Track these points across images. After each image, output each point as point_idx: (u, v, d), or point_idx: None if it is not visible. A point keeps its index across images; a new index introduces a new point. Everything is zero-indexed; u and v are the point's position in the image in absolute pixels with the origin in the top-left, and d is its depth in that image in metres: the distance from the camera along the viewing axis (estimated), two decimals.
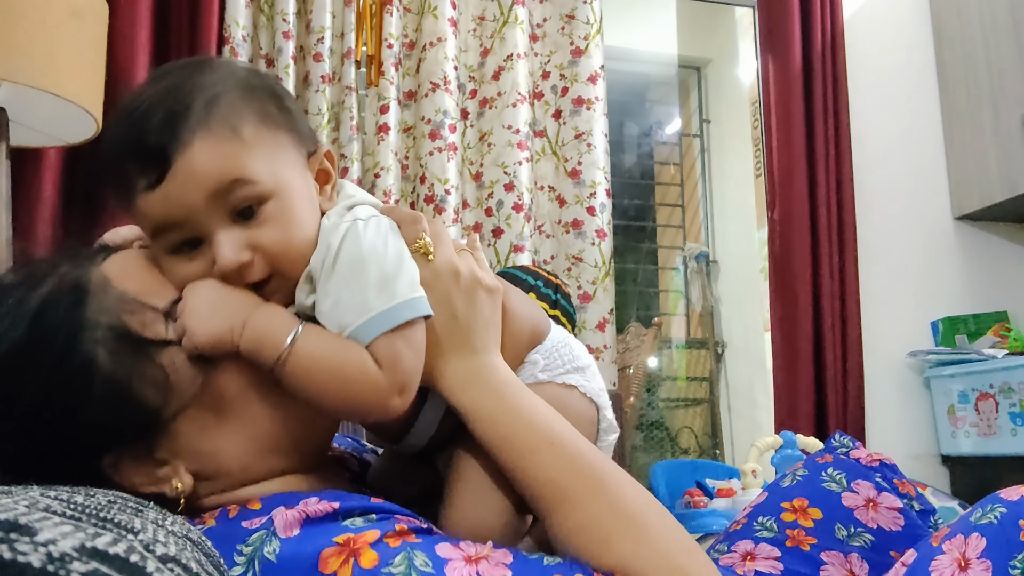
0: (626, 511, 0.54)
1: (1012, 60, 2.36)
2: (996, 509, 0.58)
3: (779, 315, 2.34)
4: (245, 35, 1.91)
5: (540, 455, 0.55)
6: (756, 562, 0.74)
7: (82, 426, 0.50)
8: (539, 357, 0.65)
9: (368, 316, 0.53)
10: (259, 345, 0.52)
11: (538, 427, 0.56)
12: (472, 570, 0.48)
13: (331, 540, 0.47)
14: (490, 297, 0.60)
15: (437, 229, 0.60)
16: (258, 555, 0.47)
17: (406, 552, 0.47)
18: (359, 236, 0.55)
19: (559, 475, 0.54)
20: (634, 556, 0.51)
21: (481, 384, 0.57)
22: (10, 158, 1.44)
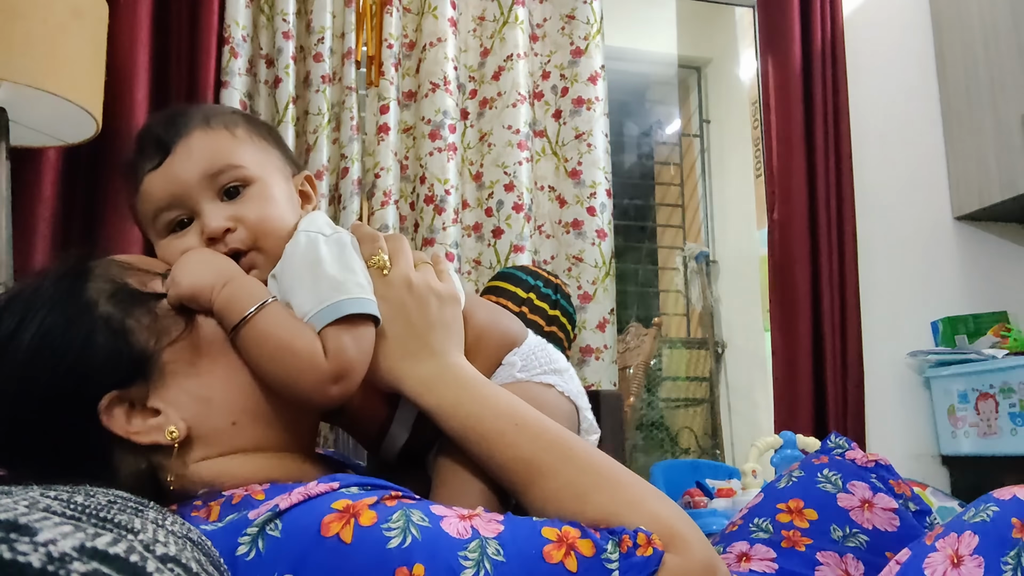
0: (597, 470, 0.57)
1: (1012, 60, 2.35)
2: (989, 508, 0.59)
3: (779, 315, 2.34)
4: (245, 35, 1.91)
5: (507, 436, 0.59)
6: (752, 563, 0.74)
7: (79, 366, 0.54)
8: (516, 359, 0.71)
9: (319, 308, 0.59)
10: (229, 305, 0.59)
11: (502, 413, 0.60)
12: (467, 524, 0.51)
13: (330, 507, 0.49)
14: (444, 304, 0.65)
15: (397, 246, 0.66)
16: (262, 534, 0.48)
17: (403, 510, 0.50)
18: (319, 244, 0.62)
19: (528, 452, 0.58)
20: (612, 504, 0.55)
21: (443, 382, 0.61)
22: (10, 158, 1.44)
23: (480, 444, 0.59)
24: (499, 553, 0.49)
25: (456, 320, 0.66)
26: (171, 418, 0.57)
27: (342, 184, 1.94)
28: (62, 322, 0.55)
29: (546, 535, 0.51)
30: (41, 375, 0.54)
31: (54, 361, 0.54)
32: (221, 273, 0.60)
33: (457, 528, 0.50)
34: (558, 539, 0.51)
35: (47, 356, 0.54)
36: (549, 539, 0.51)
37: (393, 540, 0.48)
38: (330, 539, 0.47)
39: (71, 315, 0.55)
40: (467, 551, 0.48)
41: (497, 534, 0.50)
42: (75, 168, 1.72)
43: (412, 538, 0.48)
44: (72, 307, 0.56)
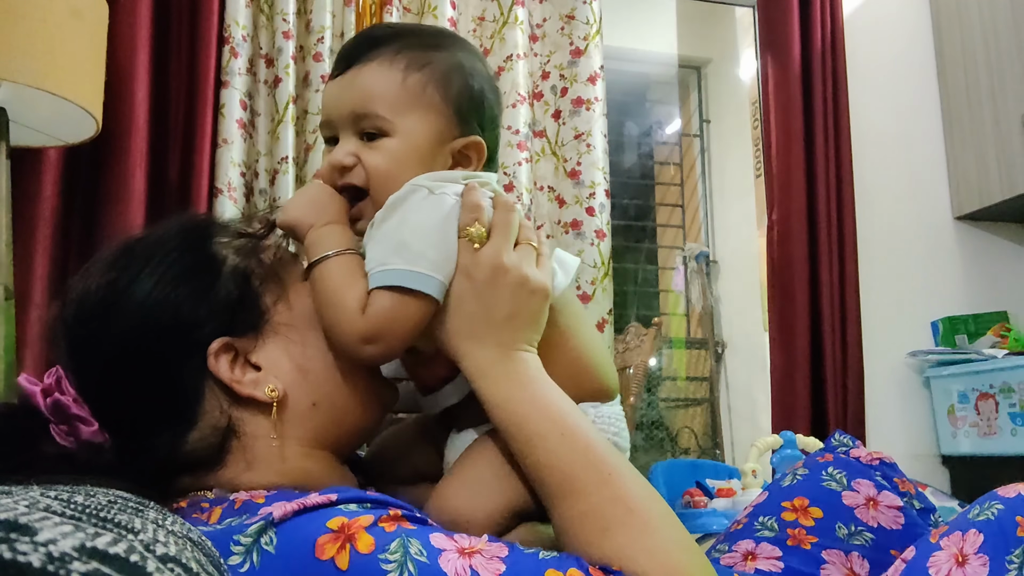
0: (629, 504, 0.55)
1: (1012, 60, 2.36)
2: (993, 506, 0.59)
3: (779, 315, 2.34)
4: (245, 35, 1.91)
5: (549, 442, 0.57)
6: (757, 561, 0.74)
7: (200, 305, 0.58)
8: (602, 413, 0.67)
9: (379, 268, 0.59)
10: (313, 245, 0.62)
11: (551, 417, 0.58)
12: (466, 563, 0.48)
13: (324, 525, 0.48)
14: (532, 296, 0.61)
15: (503, 221, 0.62)
16: (256, 546, 0.47)
17: (401, 539, 0.48)
18: (414, 200, 0.61)
19: (566, 464, 0.56)
20: (631, 548, 0.53)
21: (501, 373, 0.59)
22: (10, 158, 1.44)
23: (521, 444, 0.58)
24: None
25: (538, 315, 0.62)
26: (270, 377, 0.59)
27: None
28: (188, 264, 0.59)
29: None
30: (158, 316, 0.57)
31: (176, 298, 0.57)
32: (322, 213, 0.63)
33: (456, 568, 0.48)
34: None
35: (168, 293, 0.57)
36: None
37: (390, 574, 0.46)
38: (325, 562, 0.46)
39: (197, 259, 0.59)
40: None
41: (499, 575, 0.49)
42: (75, 168, 1.72)
43: (408, 574, 0.47)
44: (197, 254, 0.60)
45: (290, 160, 1.89)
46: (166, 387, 0.58)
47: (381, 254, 0.60)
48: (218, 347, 0.58)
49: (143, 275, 0.58)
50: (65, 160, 1.70)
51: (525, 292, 0.61)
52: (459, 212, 0.62)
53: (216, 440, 0.58)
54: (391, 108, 0.64)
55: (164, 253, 0.59)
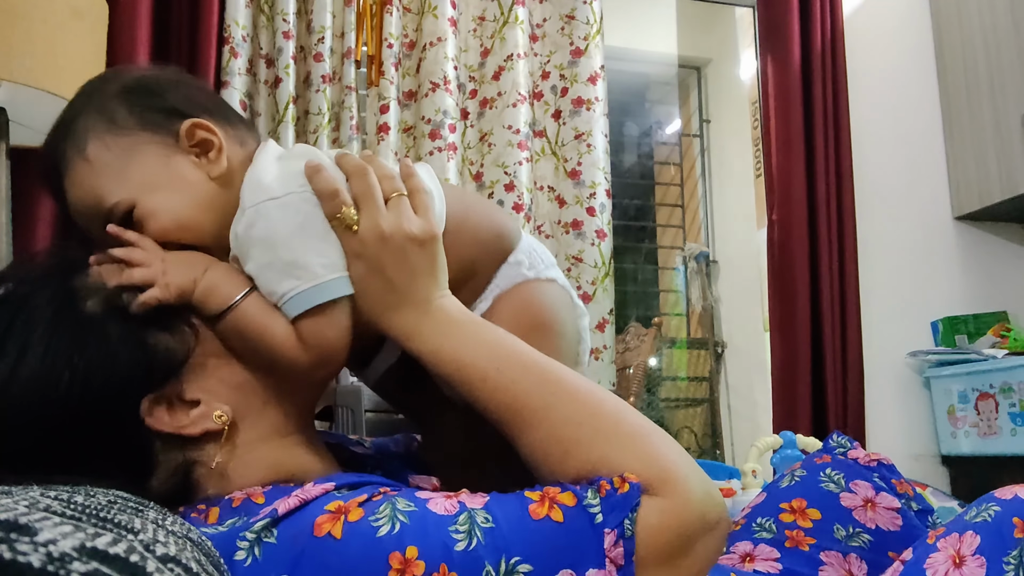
0: (583, 417, 0.56)
1: (1012, 60, 2.35)
2: (990, 507, 0.59)
3: (779, 315, 2.34)
4: (245, 35, 1.91)
5: (489, 381, 0.57)
6: (755, 563, 0.74)
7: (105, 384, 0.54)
8: (523, 257, 0.70)
9: (286, 298, 0.57)
10: (207, 298, 0.58)
11: (483, 356, 0.58)
12: (453, 501, 0.51)
13: (323, 509, 0.50)
14: (423, 248, 0.60)
15: (361, 190, 0.60)
16: (259, 541, 0.49)
17: (388, 501, 0.51)
18: (269, 220, 0.58)
19: (510, 397, 0.57)
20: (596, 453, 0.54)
21: (425, 329, 0.59)
22: (10, 158, 1.44)
23: (464, 389, 0.58)
24: (488, 520, 0.50)
25: (437, 261, 0.62)
26: (213, 404, 0.57)
27: None
28: (73, 344, 0.54)
29: (529, 496, 0.52)
30: (66, 396, 0.53)
31: (78, 382, 0.53)
32: (193, 264, 0.59)
33: (444, 506, 0.51)
34: (540, 498, 0.52)
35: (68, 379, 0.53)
36: (532, 499, 0.52)
37: (382, 528, 0.48)
38: (322, 537, 0.48)
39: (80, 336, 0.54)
40: (457, 524, 0.49)
41: (484, 504, 0.51)
42: None
43: (400, 523, 0.49)
44: (78, 328, 0.55)
45: None
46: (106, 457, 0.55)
47: (276, 284, 0.58)
48: (147, 406, 0.55)
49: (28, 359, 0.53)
50: None
51: (416, 248, 0.60)
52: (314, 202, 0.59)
53: (178, 479, 0.57)
54: (111, 191, 0.60)
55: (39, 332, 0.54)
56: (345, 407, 1.45)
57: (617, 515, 0.50)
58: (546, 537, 0.49)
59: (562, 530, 0.50)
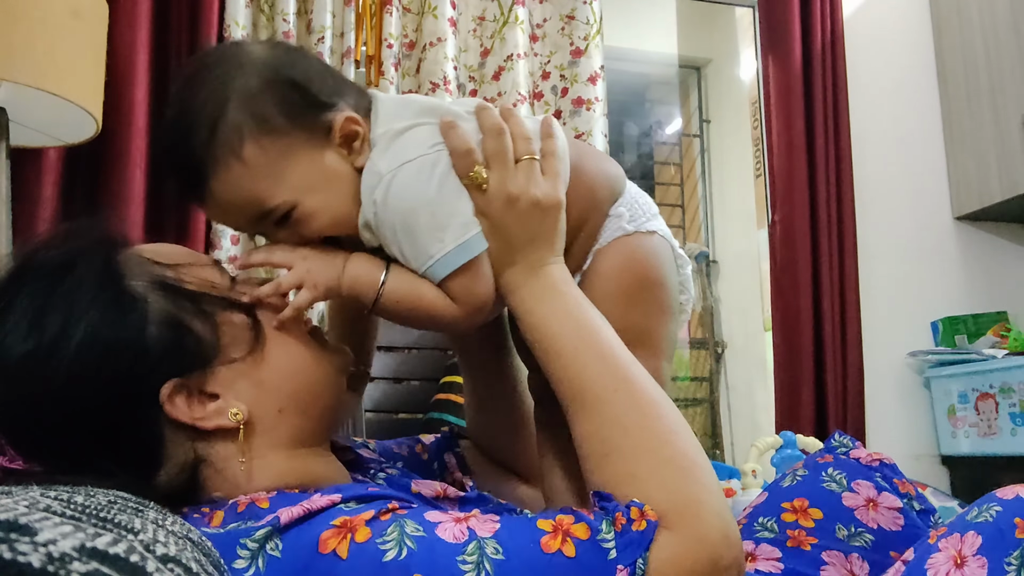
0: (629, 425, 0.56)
1: (1012, 60, 2.36)
2: (992, 508, 0.58)
3: (779, 315, 2.34)
4: (245, 35, 1.91)
5: (564, 357, 0.59)
6: (757, 563, 0.74)
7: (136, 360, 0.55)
8: (624, 210, 0.70)
9: (430, 264, 0.60)
10: (355, 290, 0.62)
11: (566, 333, 0.60)
12: (463, 527, 0.50)
13: (329, 524, 0.49)
14: (545, 215, 0.62)
15: (497, 147, 0.62)
16: (262, 552, 0.48)
17: (397, 523, 0.50)
18: (404, 186, 0.60)
19: (576, 378, 0.58)
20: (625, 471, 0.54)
21: (525, 291, 0.62)
22: (10, 158, 1.44)
23: (541, 355, 0.60)
24: (498, 552, 0.48)
25: (557, 227, 0.63)
26: (231, 402, 0.58)
27: None
28: (112, 319, 0.54)
29: (542, 527, 0.51)
30: (96, 372, 0.54)
31: (109, 358, 0.54)
32: (329, 261, 0.62)
33: (453, 532, 0.50)
34: (553, 529, 0.50)
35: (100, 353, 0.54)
36: (545, 530, 0.50)
37: (389, 553, 0.47)
38: (327, 555, 0.47)
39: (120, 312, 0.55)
40: (465, 554, 0.48)
41: (494, 532, 0.50)
42: (75, 168, 1.72)
43: (407, 549, 0.48)
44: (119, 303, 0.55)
45: None
46: (120, 443, 0.55)
47: (421, 249, 0.60)
48: (170, 390, 0.55)
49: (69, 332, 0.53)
50: (65, 160, 1.70)
51: (539, 213, 0.62)
52: (447, 160, 0.61)
53: (186, 475, 0.57)
54: (272, 192, 0.60)
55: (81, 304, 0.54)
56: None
57: (631, 553, 0.49)
58: (557, 572, 0.48)
59: (573, 565, 0.49)
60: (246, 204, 0.61)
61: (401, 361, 1.80)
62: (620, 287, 0.67)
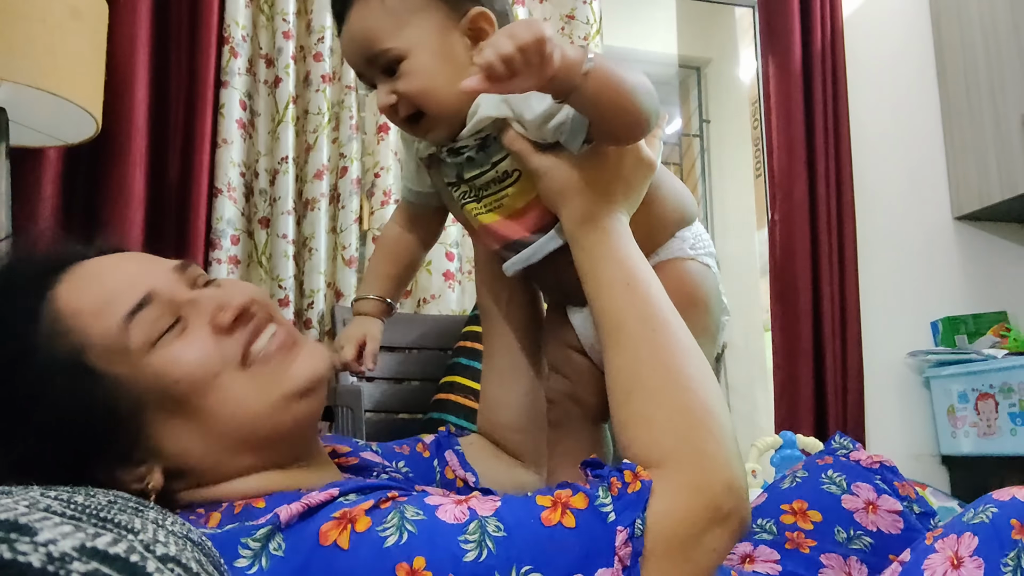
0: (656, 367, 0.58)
1: (1012, 60, 2.36)
2: (988, 509, 0.59)
3: (779, 315, 2.34)
4: (245, 35, 1.91)
5: (614, 289, 0.62)
6: (755, 564, 0.74)
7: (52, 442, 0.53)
8: (689, 236, 0.76)
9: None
10: (567, 59, 0.59)
11: (624, 268, 0.63)
12: (463, 507, 0.51)
13: (330, 516, 0.49)
14: (646, 177, 0.68)
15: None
16: (265, 551, 0.48)
17: (396, 510, 0.50)
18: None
19: (620, 312, 0.61)
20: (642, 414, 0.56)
21: (591, 224, 0.64)
22: (10, 158, 1.44)
23: (591, 287, 0.63)
24: (499, 529, 0.49)
25: (644, 187, 0.69)
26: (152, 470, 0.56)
27: (341, 183, 1.94)
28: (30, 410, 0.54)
29: (541, 503, 0.51)
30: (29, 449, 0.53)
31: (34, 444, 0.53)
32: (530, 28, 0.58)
33: (454, 514, 0.50)
34: (552, 503, 0.51)
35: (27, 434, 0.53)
36: (544, 505, 0.51)
37: (390, 538, 0.48)
38: (328, 547, 0.47)
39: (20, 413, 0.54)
40: (467, 534, 0.48)
41: (495, 511, 0.50)
42: (75, 168, 1.72)
43: (408, 534, 0.48)
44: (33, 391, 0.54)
45: (290, 160, 1.89)
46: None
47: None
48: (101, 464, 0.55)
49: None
50: (65, 160, 1.70)
51: (644, 170, 0.67)
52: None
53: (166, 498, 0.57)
54: (389, 36, 0.67)
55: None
56: (345, 407, 1.46)
57: (629, 514, 0.50)
58: (558, 544, 0.49)
59: (574, 534, 0.49)
60: (368, 39, 0.68)
61: (401, 361, 1.80)
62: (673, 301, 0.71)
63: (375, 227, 1.94)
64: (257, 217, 1.90)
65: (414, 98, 0.68)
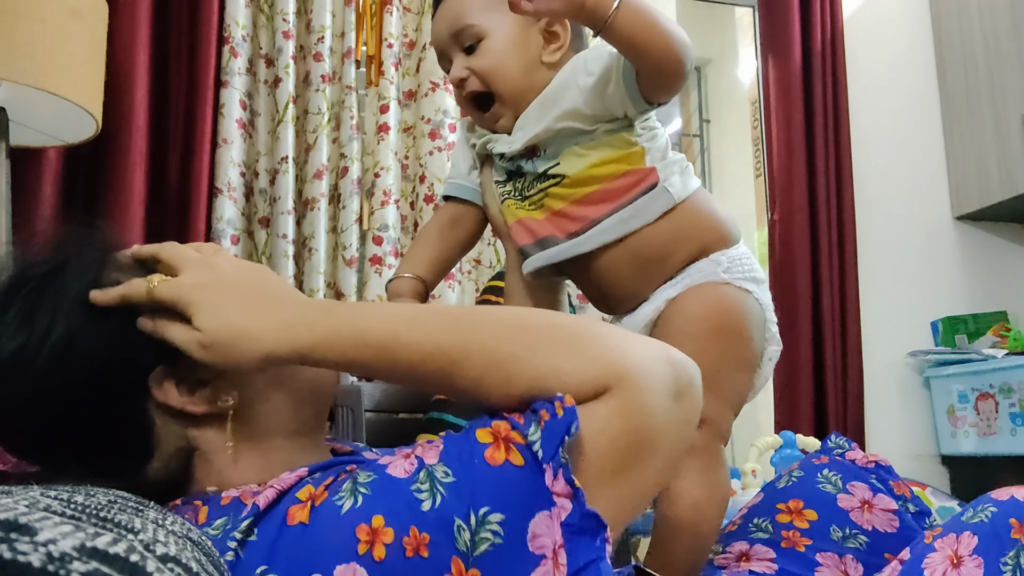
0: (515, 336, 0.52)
1: (1012, 60, 2.35)
2: (987, 509, 0.59)
3: (778, 315, 2.32)
4: (245, 35, 1.91)
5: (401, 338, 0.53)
6: (751, 563, 0.74)
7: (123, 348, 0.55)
8: (724, 259, 0.77)
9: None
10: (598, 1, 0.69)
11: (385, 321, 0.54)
12: (411, 460, 0.50)
13: (295, 498, 0.50)
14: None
15: None
16: (244, 541, 0.49)
17: (350, 479, 0.50)
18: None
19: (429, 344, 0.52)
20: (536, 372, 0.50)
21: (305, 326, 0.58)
22: (10, 158, 1.44)
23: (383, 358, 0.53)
24: (448, 475, 0.48)
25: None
26: (221, 387, 0.58)
27: (342, 183, 1.94)
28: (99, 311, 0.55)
29: (481, 439, 0.49)
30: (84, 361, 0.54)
31: (95, 348, 0.55)
32: None
33: (403, 467, 0.49)
34: (494, 439, 0.49)
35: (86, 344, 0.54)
36: (486, 442, 0.49)
37: (345, 504, 0.48)
38: (294, 526, 0.48)
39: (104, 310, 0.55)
40: (418, 483, 0.48)
41: (440, 456, 0.49)
42: (75, 168, 1.72)
43: (362, 496, 0.48)
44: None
45: (290, 160, 1.89)
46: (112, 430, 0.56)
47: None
48: (159, 377, 0.56)
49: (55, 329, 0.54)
50: (65, 160, 1.70)
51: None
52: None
53: (178, 464, 0.58)
54: (476, 15, 0.78)
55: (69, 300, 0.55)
56: (345, 407, 1.46)
57: (550, 446, 0.47)
58: (509, 482, 0.47)
59: (525, 473, 0.47)
60: (458, 14, 0.78)
61: None
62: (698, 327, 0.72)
63: (375, 227, 1.94)
64: (257, 217, 1.90)
65: (484, 74, 0.78)
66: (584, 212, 0.77)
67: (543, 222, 0.79)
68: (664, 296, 0.77)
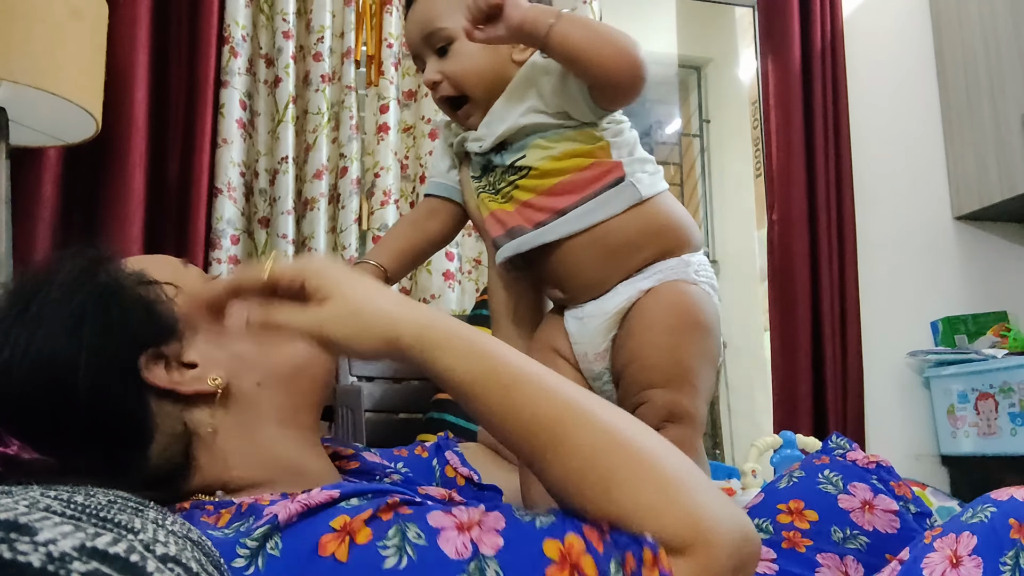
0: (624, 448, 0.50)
1: (1012, 60, 2.36)
2: (986, 509, 0.59)
3: (779, 315, 2.34)
4: (245, 35, 1.91)
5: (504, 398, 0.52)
6: None
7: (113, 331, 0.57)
8: (695, 262, 0.80)
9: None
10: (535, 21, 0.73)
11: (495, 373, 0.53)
12: (466, 538, 0.47)
13: (328, 526, 0.48)
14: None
15: None
16: (262, 551, 0.47)
17: (398, 525, 0.48)
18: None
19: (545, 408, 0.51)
20: (634, 501, 0.48)
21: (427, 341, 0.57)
22: (10, 158, 1.44)
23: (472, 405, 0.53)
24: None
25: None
26: (209, 369, 0.59)
27: (341, 183, 1.94)
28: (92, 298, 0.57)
29: (548, 553, 0.46)
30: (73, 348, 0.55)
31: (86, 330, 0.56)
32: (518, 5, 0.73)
33: (455, 545, 0.47)
34: (560, 558, 0.46)
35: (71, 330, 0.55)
36: (552, 559, 0.46)
37: (389, 560, 0.46)
38: (326, 558, 0.46)
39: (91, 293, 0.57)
40: (467, 573, 0.45)
41: (497, 551, 0.46)
42: (75, 168, 1.72)
43: (408, 559, 0.46)
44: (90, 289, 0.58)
45: (290, 160, 1.89)
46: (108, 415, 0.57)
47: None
48: (147, 359, 0.58)
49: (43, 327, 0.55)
50: (65, 160, 1.70)
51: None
52: None
53: (179, 448, 0.59)
54: (446, 18, 0.78)
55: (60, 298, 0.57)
56: (345, 407, 1.46)
57: None
58: None
59: None
60: (428, 18, 0.80)
61: None
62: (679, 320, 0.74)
63: (375, 227, 1.94)
64: (257, 217, 1.90)
65: (455, 77, 0.79)
66: (550, 203, 0.79)
67: (512, 213, 0.81)
68: (636, 287, 0.79)
